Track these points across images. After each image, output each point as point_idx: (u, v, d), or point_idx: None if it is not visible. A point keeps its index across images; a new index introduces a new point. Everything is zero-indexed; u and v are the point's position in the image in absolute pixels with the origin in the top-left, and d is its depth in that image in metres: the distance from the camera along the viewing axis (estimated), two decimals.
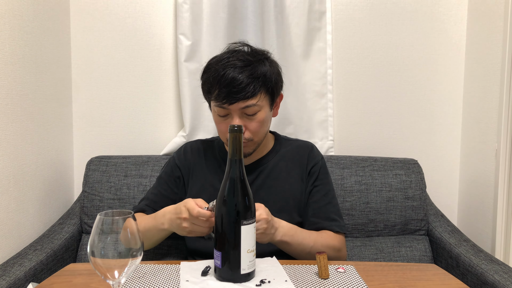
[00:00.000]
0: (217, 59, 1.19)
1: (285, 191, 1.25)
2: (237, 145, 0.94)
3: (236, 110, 1.14)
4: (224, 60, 1.16)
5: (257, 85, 1.14)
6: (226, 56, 1.17)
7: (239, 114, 1.15)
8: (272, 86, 1.18)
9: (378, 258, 1.57)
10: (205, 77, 1.19)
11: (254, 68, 1.14)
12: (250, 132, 1.17)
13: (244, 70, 1.13)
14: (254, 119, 1.16)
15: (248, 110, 1.15)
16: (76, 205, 1.65)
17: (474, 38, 1.77)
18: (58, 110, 1.65)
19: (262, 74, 1.15)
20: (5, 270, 1.20)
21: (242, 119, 1.16)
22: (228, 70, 1.13)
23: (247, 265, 0.93)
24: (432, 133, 1.85)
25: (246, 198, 0.94)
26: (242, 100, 1.13)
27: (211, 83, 1.16)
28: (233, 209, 0.93)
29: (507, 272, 1.27)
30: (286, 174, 1.27)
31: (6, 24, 1.31)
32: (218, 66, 1.15)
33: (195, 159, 1.31)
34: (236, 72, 1.12)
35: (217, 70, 1.14)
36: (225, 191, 0.94)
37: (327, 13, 1.76)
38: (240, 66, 1.14)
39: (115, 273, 0.75)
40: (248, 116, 1.16)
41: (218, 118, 1.19)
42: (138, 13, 1.75)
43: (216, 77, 1.14)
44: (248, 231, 0.93)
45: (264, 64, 1.18)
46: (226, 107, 1.14)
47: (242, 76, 1.12)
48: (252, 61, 1.16)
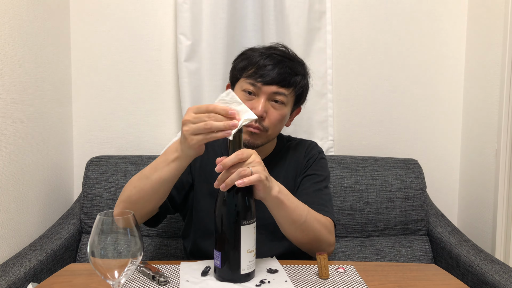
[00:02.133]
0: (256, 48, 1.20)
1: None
2: (237, 144, 0.93)
3: (267, 93, 1.13)
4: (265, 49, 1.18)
5: (293, 79, 1.15)
6: (267, 48, 1.19)
7: (266, 97, 1.14)
8: (302, 90, 1.20)
9: (378, 258, 1.57)
10: (244, 57, 1.19)
11: (294, 65, 1.17)
12: (270, 122, 1.15)
13: (285, 61, 1.15)
14: (278, 110, 1.15)
15: (278, 97, 1.14)
16: (76, 205, 1.65)
17: (474, 38, 1.76)
18: (58, 110, 1.65)
19: (300, 74, 1.18)
20: (5, 270, 1.20)
21: (267, 104, 1.14)
22: (269, 55, 1.15)
23: (247, 265, 0.93)
24: (432, 133, 1.85)
25: (246, 199, 0.94)
26: (277, 85, 1.13)
27: (251, 61, 1.15)
28: (233, 209, 0.92)
29: (507, 272, 1.27)
30: (284, 172, 1.26)
31: (6, 24, 1.30)
32: (258, 52, 1.17)
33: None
34: (278, 60, 1.14)
35: (258, 55, 1.16)
36: (225, 192, 0.94)
37: (327, 13, 1.76)
38: (282, 56, 1.16)
39: (115, 273, 0.75)
40: (274, 103, 1.15)
41: (243, 96, 1.15)
42: (138, 13, 1.75)
43: (257, 58, 1.14)
44: (248, 231, 0.93)
45: (302, 68, 1.20)
46: (259, 85, 1.13)
47: (284, 65, 1.14)
48: (293, 60, 1.18)
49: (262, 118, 1.13)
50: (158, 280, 0.94)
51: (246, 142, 1.17)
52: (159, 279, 0.94)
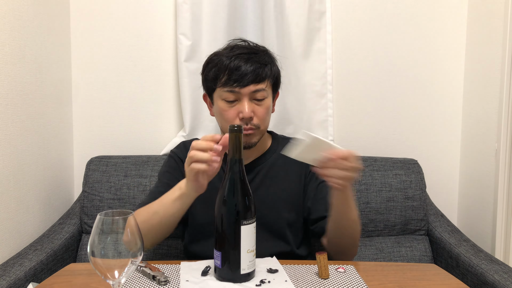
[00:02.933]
0: (219, 52, 1.21)
1: (282, 190, 1.25)
2: (237, 144, 0.94)
3: (247, 94, 1.15)
4: (228, 51, 1.18)
5: (265, 70, 1.17)
6: (229, 49, 1.19)
7: (248, 98, 1.16)
8: (276, 76, 1.22)
9: (378, 258, 1.57)
10: (210, 67, 1.19)
11: (260, 56, 1.18)
12: (258, 119, 1.18)
13: (251, 56, 1.16)
14: (262, 105, 1.18)
15: (258, 94, 1.16)
16: (76, 205, 1.65)
17: (474, 38, 1.77)
18: (58, 110, 1.65)
19: (269, 62, 1.20)
20: (5, 270, 1.20)
21: (251, 104, 1.16)
22: (235, 57, 1.15)
23: (247, 265, 0.93)
24: (432, 133, 1.85)
25: (246, 198, 0.94)
26: (253, 84, 1.15)
27: (219, 69, 1.16)
28: (233, 209, 0.93)
29: (507, 272, 1.27)
30: (284, 173, 1.26)
31: (6, 24, 1.31)
32: (224, 56, 1.17)
33: None
34: (245, 59, 1.15)
35: (224, 59, 1.16)
36: (225, 191, 0.94)
37: (327, 13, 1.76)
38: (247, 53, 1.17)
39: (115, 273, 0.75)
40: (257, 101, 1.17)
41: (225, 105, 1.17)
42: (138, 13, 1.75)
43: (225, 64, 1.15)
44: (248, 231, 0.93)
45: (267, 55, 1.22)
46: (237, 90, 1.14)
47: (252, 61, 1.15)
48: (257, 51, 1.20)
49: (251, 118, 1.16)
50: (158, 280, 0.94)
51: (245, 144, 1.19)
52: (159, 279, 0.94)
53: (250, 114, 1.15)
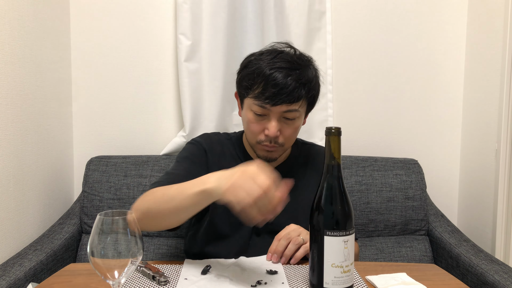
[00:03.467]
0: (260, 57, 1.13)
1: (301, 200, 1.19)
2: (335, 148, 0.87)
3: (277, 113, 1.09)
4: (270, 59, 1.10)
5: (302, 91, 1.09)
6: (272, 56, 1.11)
7: (278, 117, 1.10)
8: (314, 94, 1.15)
9: (378, 258, 1.57)
10: (247, 72, 1.12)
11: (301, 73, 1.09)
12: (284, 138, 1.13)
13: (292, 73, 1.08)
14: (291, 125, 1.12)
15: (289, 114, 1.10)
16: (76, 205, 1.65)
17: (474, 38, 1.77)
18: (58, 110, 1.65)
19: (309, 81, 1.11)
20: (5, 270, 1.20)
21: (280, 123, 1.11)
22: (275, 70, 1.07)
23: (332, 280, 0.85)
24: (432, 133, 1.85)
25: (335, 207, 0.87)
26: (286, 104, 1.07)
27: (254, 79, 1.09)
28: (319, 215, 0.86)
29: (507, 272, 1.27)
30: (304, 182, 1.23)
31: (6, 24, 1.31)
32: (263, 63, 1.10)
33: (220, 151, 1.24)
34: (284, 74, 1.07)
35: (263, 68, 1.09)
36: (322, 198, 0.87)
37: (327, 13, 1.76)
38: (288, 68, 1.08)
39: (115, 273, 0.75)
40: (287, 120, 1.11)
41: (253, 117, 1.12)
42: (138, 13, 1.75)
43: (263, 74, 1.08)
44: (333, 243, 0.85)
45: (311, 70, 1.13)
46: (268, 107, 1.08)
47: (290, 79, 1.07)
48: (300, 65, 1.11)
49: (276, 137, 1.12)
50: (158, 280, 0.94)
51: (264, 158, 1.16)
52: (159, 279, 0.94)
53: (276, 134, 1.10)
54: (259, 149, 1.16)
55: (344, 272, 0.85)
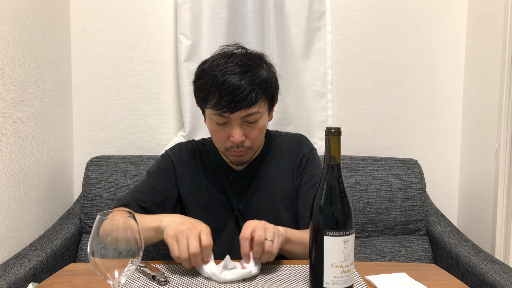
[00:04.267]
0: (212, 64, 1.10)
1: (278, 190, 1.23)
2: (335, 148, 0.86)
3: (237, 119, 1.09)
4: (221, 65, 1.08)
5: (258, 92, 1.08)
6: (223, 61, 1.09)
7: (239, 123, 1.09)
8: (272, 91, 1.14)
9: (378, 258, 1.57)
10: (201, 83, 1.11)
11: (254, 74, 1.08)
12: (250, 140, 1.12)
13: (244, 76, 1.06)
14: (255, 127, 1.12)
15: (250, 118, 1.09)
16: (76, 205, 1.65)
17: (474, 38, 1.77)
18: (58, 110, 1.66)
19: (263, 80, 1.09)
20: (5, 270, 1.20)
21: (242, 128, 1.10)
22: (228, 76, 1.05)
23: (331, 280, 0.85)
24: (432, 133, 1.85)
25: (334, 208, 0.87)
26: (244, 109, 1.07)
27: (208, 90, 1.08)
28: (318, 216, 0.86)
29: (507, 272, 1.27)
30: (278, 172, 1.24)
31: (6, 24, 1.31)
32: (215, 71, 1.08)
33: (190, 160, 1.26)
34: (237, 79, 1.05)
35: (216, 76, 1.07)
36: (322, 199, 0.87)
37: (327, 13, 1.76)
38: (240, 72, 1.06)
39: (115, 273, 0.75)
40: (249, 124, 1.11)
41: (216, 127, 1.12)
42: (138, 13, 1.75)
43: (215, 83, 1.06)
44: (333, 243, 0.85)
45: (264, 69, 1.12)
46: (226, 115, 1.08)
47: (244, 83, 1.05)
48: (252, 66, 1.09)
49: (242, 142, 1.11)
50: (158, 280, 0.94)
51: (236, 163, 1.17)
52: (159, 279, 0.94)
53: (241, 139, 1.10)
54: (229, 155, 1.16)
55: (344, 272, 0.85)
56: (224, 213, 1.22)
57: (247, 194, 1.22)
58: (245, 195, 1.22)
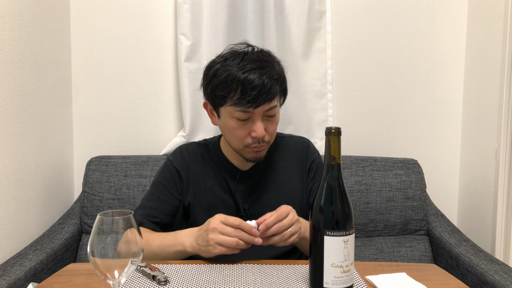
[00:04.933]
0: (227, 62, 1.12)
1: (285, 192, 1.23)
2: (335, 148, 0.87)
3: (260, 113, 1.11)
4: (238, 63, 1.11)
5: (276, 86, 1.12)
6: (239, 60, 1.12)
7: (261, 117, 1.12)
8: (284, 85, 1.18)
9: (378, 258, 1.57)
10: (218, 81, 1.11)
11: (271, 69, 1.12)
12: (269, 135, 1.15)
13: (264, 71, 1.10)
14: (273, 121, 1.15)
15: (270, 112, 1.12)
16: (76, 205, 1.66)
17: (474, 38, 1.77)
18: (58, 110, 1.66)
19: (279, 75, 1.14)
20: (5, 270, 1.20)
21: (263, 122, 1.13)
22: (249, 73, 1.08)
23: (331, 280, 0.86)
24: (432, 133, 1.85)
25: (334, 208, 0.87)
26: (267, 103, 1.10)
27: (229, 87, 1.09)
28: (318, 216, 0.87)
29: (507, 272, 1.27)
30: (285, 174, 1.25)
31: (6, 24, 1.31)
32: (234, 69, 1.10)
33: (192, 162, 1.26)
34: (258, 75, 1.09)
35: (236, 74, 1.09)
36: (322, 199, 0.87)
37: (327, 13, 1.76)
38: (259, 67, 1.10)
39: (115, 273, 0.75)
40: (269, 118, 1.13)
41: (236, 124, 1.12)
42: (138, 13, 1.75)
43: (237, 81, 1.08)
44: (332, 243, 0.85)
45: (277, 64, 1.16)
46: (251, 110, 1.09)
47: (266, 78, 1.09)
48: (268, 62, 1.13)
49: (263, 136, 1.13)
50: (158, 280, 0.94)
51: (253, 159, 1.18)
52: (159, 279, 0.94)
53: (264, 133, 1.12)
54: (247, 152, 1.16)
55: (344, 272, 0.86)
56: (229, 213, 1.21)
57: (253, 194, 1.22)
58: (251, 195, 1.22)
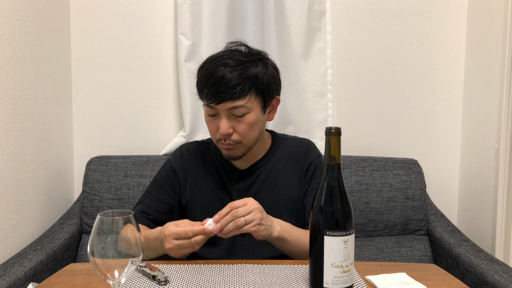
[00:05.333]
0: (212, 58, 1.16)
1: (282, 194, 1.22)
2: (335, 149, 0.87)
3: (224, 111, 1.11)
4: (218, 58, 1.13)
5: (246, 86, 1.10)
6: (221, 55, 1.14)
7: (227, 115, 1.12)
8: (263, 88, 1.14)
9: (378, 258, 1.57)
10: (198, 76, 1.16)
11: (245, 68, 1.11)
12: (238, 135, 1.13)
13: (234, 69, 1.10)
14: (242, 121, 1.13)
15: (236, 111, 1.11)
16: (76, 205, 1.66)
17: (474, 38, 1.77)
18: (58, 110, 1.66)
19: (253, 75, 1.11)
20: (5, 270, 1.20)
21: (230, 120, 1.12)
22: (218, 68, 1.10)
23: (331, 280, 0.86)
24: (432, 133, 1.85)
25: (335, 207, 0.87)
26: (229, 101, 1.09)
27: (202, 81, 1.13)
28: (318, 216, 0.87)
29: (507, 272, 1.27)
30: (283, 175, 1.24)
31: (6, 24, 1.31)
32: (210, 64, 1.12)
33: (191, 161, 1.27)
34: (226, 71, 1.09)
35: (209, 69, 1.11)
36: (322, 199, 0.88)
37: (327, 13, 1.76)
38: (232, 65, 1.10)
39: (115, 273, 0.75)
40: (236, 117, 1.12)
41: (207, 118, 1.16)
42: (138, 13, 1.75)
43: (207, 75, 1.11)
44: (332, 243, 0.85)
45: (257, 65, 1.13)
46: (213, 106, 1.11)
47: (231, 76, 1.09)
48: (245, 61, 1.12)
49: (229, 135, 1.13)
50: (158, 280, 0.94)
51: (226, 156, 1.18)
52: (159, 279, 0.94)
53: (227, 131, 1.12)
54: (221, 148, 1.18)
55: (344, 272, 0.86)
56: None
57: (250, 194, 1.21)
58: (248, 195, 1.21)
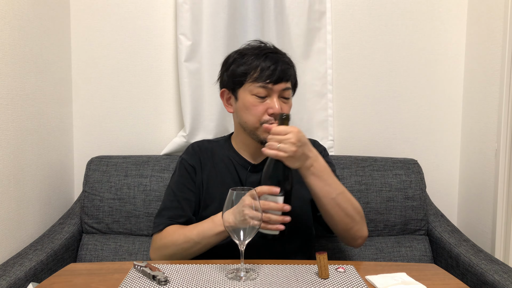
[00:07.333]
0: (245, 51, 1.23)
1: (294, 186, 1.23)
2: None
3: (277, 91, 1.19)
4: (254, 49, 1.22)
5: (292, 71, 1.23)
6: (255, 47, 1.23)
7: (277, 96, 1.19)
8: (296, 80, 1.27)
9: (378, 258, 1.57)
10: (238, 63, 1.21)
11: (286, 57, 1.23)
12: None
13: (280, 56, 1.21)
14: (287, 103, 1.22)
15: (285, 93, 1.20)
16: (76, 205, 1.66)
17: (474, 38, 1.77)
18: (58, 110, 1.66)
19: (292, 64, 1.25)
20: (5, 270, 1.20)
21: (279, 101, 1.19)
22: (266, 55, 1.19)
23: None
24: (432, 133, 1.85)
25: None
26: (284, 81, 1.19)
27: (250, 64, 1.19)
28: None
29: (507, 272, 1.27)
30: (295, 169, 1.25)
31: (6, 24, 1.31)
32: (253, 54, 1.20)
33: (204, 158, 1.30)
34: (274, 58, 1.19)
35: (254, 55, 1.20)
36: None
37: (327, 13, 1.76)
38: (275, 53, 1.22)
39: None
40: (283, 99, 1.21)
41: (255, 100, 1.19)
42: (138, 13, 1.75)
43: (257, 59, 1.19)
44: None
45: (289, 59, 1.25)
46: (269, 86, 1.17)
47: (281, 62, 1.19)
48: (282, 53, 1.25)
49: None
50: (158, 280, 0.94)
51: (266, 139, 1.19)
52: (159, 279, 0.94)
53: (283, 108, 1.19)
54: (262, 132, 1.20)
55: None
56: None
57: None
58: None
